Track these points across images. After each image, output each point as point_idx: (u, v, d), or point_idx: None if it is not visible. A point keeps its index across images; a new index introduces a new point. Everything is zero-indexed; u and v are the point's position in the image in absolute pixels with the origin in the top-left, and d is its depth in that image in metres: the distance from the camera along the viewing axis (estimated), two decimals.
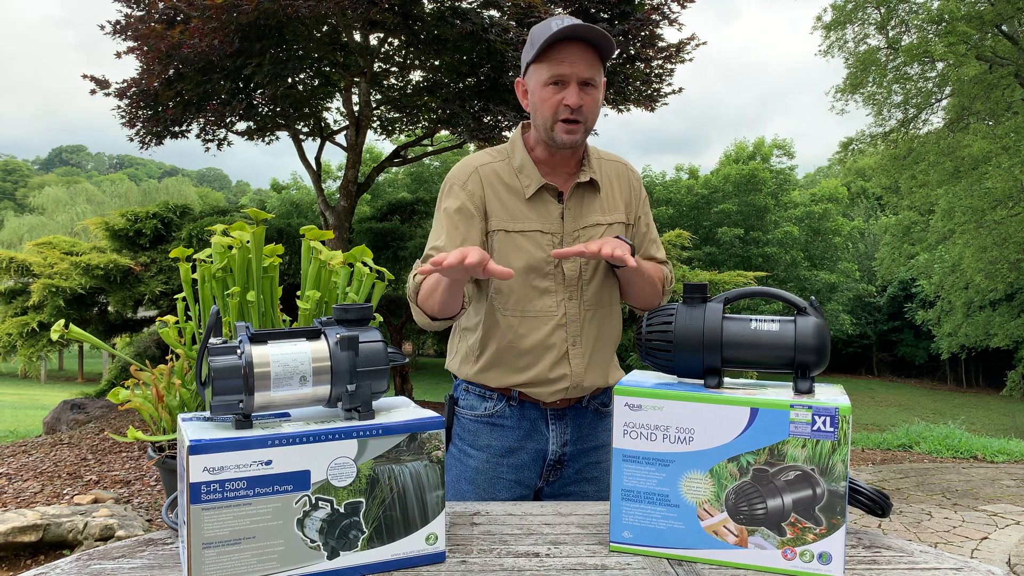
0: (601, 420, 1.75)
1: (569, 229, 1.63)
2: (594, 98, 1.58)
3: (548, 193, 1.64)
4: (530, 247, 1.61)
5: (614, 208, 1.69)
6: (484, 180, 1.64)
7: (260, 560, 0.97)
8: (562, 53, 1.53)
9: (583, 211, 1.65)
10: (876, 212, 37.71)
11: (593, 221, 1.65)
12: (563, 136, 1.57)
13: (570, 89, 1.53)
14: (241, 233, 1.50)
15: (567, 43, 1.53)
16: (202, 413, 1.10)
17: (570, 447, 1.70)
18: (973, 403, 25.75)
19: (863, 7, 17.05)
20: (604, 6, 7.13)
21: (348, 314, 1.11)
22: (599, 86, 1.58)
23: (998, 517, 5.35)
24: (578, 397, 1.69)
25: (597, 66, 1.56)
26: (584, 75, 1.53)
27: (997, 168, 15.74)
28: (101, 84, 7.48)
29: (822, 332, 1.15)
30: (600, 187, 1.67)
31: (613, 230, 1.66)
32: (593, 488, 1.73)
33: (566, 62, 1.53)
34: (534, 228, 1.61)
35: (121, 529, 3.97)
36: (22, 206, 48.45)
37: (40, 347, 7.26)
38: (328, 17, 6.57)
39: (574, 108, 1.54)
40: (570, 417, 1.69)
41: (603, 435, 1.75)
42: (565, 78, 1.53)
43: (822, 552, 1.06)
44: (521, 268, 1.61)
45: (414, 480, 1.06)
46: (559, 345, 1.62)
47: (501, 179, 1.64)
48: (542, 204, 1.63)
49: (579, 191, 1.65)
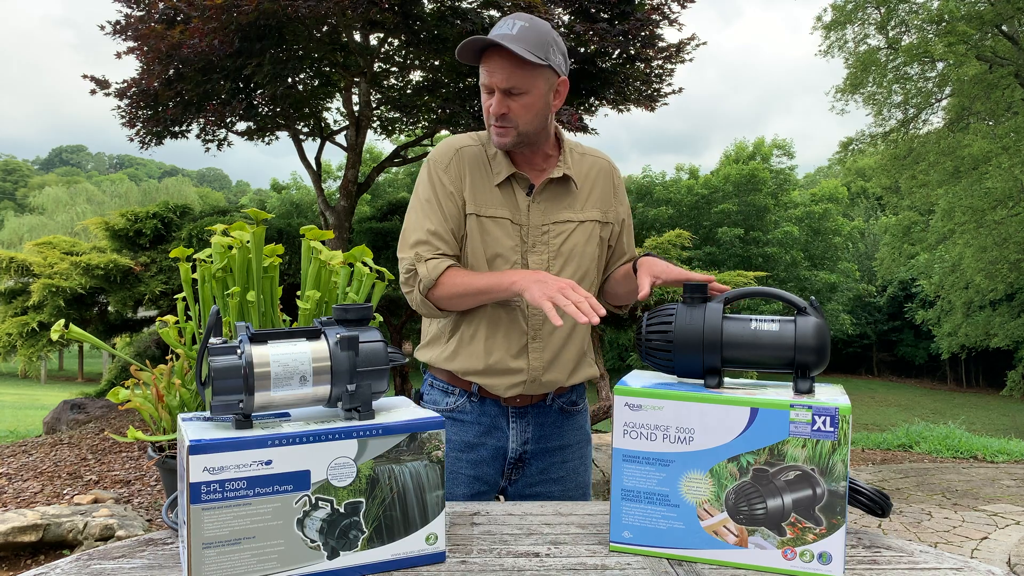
0: (567, 419, 1.72)
1: (537, 222, 1.63)
2: (521, 104, 1.57)
3: (518, 183, 1.65)
4: (498, 234, 1.62)
5: (589, 205, 1.69)
6: (464, 161, 1.66)
7: (260, 560, 0.97)
8: (487, 62, 1.56)
9: (554, 206, 1.65)
10: (876, 212, 37.71)
11: (564, 217, 1.65)
12: (495, 137, 1.61)
13: (494, 98, 1.57)
14: (241, 233, 1.50)
15: (490, 52, 1.55)
16: (202, 413, 1.10)
17: (532, 446, 1.69)
18: (973, 403, 25.74)
19: (863, 7, 17.04)
20: (604, 6, 7.13)
21: (348, 314, 1.11)
22: (529, 91, 1.56)
23: (998, 517, 5.35)
24: (541, 395, 1.68)
25: (520, 72, 1.54)
26: (503, 85, 1.55)
27: (997, 168, 15.74)
28: (101, 84, 7.48)
29: (822, 332, 1.15)
30: (576, 183, 1.67)
31: (585, 228, 1.66)
32: (559, 488, 1.71)
33: (488, 72, 1.56)
34: (503, 216, 1.62)
35: (121, 529, 3.97)
36: (22, 206, 48.46)
37: (40, 347, 7.26)
38: (328, 17, 6.57)
39: (496, 116, 1.57)
40: (532, 415, 1.68)
41: (568, 435, 1.73)
42: (489, 87, 1.57)
43: (822, 552, 1.06)
44: (490, 255, 1.62)
45: (414, 480, 1.06)
46: (518, 337, 1.62)
47: (478, 163, 1.66)
48: (512, 193, 1.64)
49: (551, 186, 1.65)
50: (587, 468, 1.78)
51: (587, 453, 1.78)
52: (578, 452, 1.75)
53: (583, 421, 1.78)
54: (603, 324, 7.83)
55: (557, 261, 1.63)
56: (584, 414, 1.78)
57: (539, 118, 1.61)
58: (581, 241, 1.66)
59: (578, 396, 1.75)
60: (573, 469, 1.74)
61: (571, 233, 1.65)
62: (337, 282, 1.60)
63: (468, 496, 1.69)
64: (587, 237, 1.67)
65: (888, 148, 18.25)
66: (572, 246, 1.65)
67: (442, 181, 1.64)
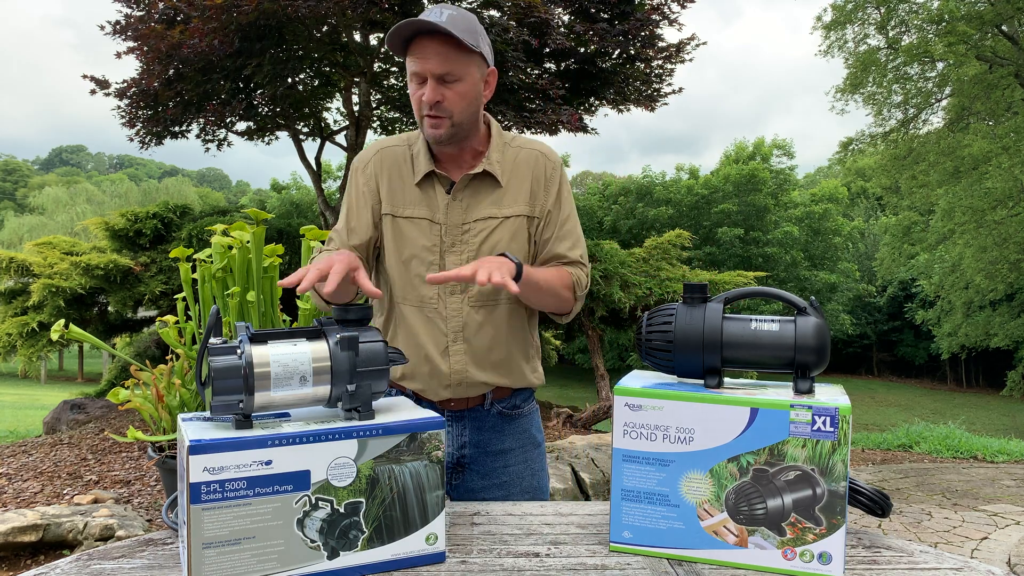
0: (508, 423, 1.67)
1: (457, 221, 1.58)
2: (457, 92, 1.52)
3: (438, 181, 1.59)
4: (414, 234, 1.58)
5: (515, 200, 1.60)
6: (382, 163, 1.63)
7: (260, 560, 0.97)
8: (417, 49, 1.50)
9: (476, 203, 1.59)
10: (876, 212, 37.71)
11: (486, 214, 1.58)
12: (428, 129, 1.54)
13: (427, 86, 1.51)
14: (241, 233, 1.50)
15: (422, 38, 1.49)
16: (202, 413, 1.10)
17: (469, 450, 1.65)
18: (973, 403, 25.74)
19: (863, 7, 17.04)
20: (604, 6, 7.13)
21: (348, 314, 1.12)
22: (463, 78, 1.52)
23: (998, 517, 5.35)
24: (476, 398, 1.63)
25: (455, 57, 1.49)
26: (438, 71, 1.49)
27: (997, 168, 15.74)
28: (101, 84, 7.48)
29: (822, 332, 1.15)
30: (501, 178, 1.59)
31: (509, 224, 1.59)
32: (502, 493, 1.66)
33: (419, 59, 1.50)
34: (421, 216, 1.58)
35: (121, 529, 3.97)
36: (22, 206, 48.44)
37: (40, 347, 7.26)
38: (328, 17, 6.57)
39: (431, 104, 1.51)
40: (469, 419, 1.64)
41: (509, 439, 1.67)
42: (421, 75, 1.51)
43: (822, 552, 1.06)
44: (405, 256, 1.59)
45: (414, 480, 1.06)
46: (438, 339, 1.58)
47: (398, 163, 1.63)
48: (431, 192, 1.59)
49: (473, 182, 1.59)
50: (535, 472, 1.71)
51: (533, 457, 1.71)
52: (521, 456, 1.69)
53: (527, 425, 1.71)
54: (603, 324, 7.83)
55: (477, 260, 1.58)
56: (529, 418, 1.72)
57: (472, 107, 1.56)
58: (505, 238, 1.58)
59: (522, 400, 1.69)
60: (517, 474, 1.68)
61: (493, 231, 1.58)
62: None
63: None
64: (512, 234, 1.59)
65: (888, 148, 18.25)
66: (494, 244, 1.58)
67: (358, 182, 1.64)
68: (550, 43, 6.98)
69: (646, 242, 8.24)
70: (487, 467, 1.66)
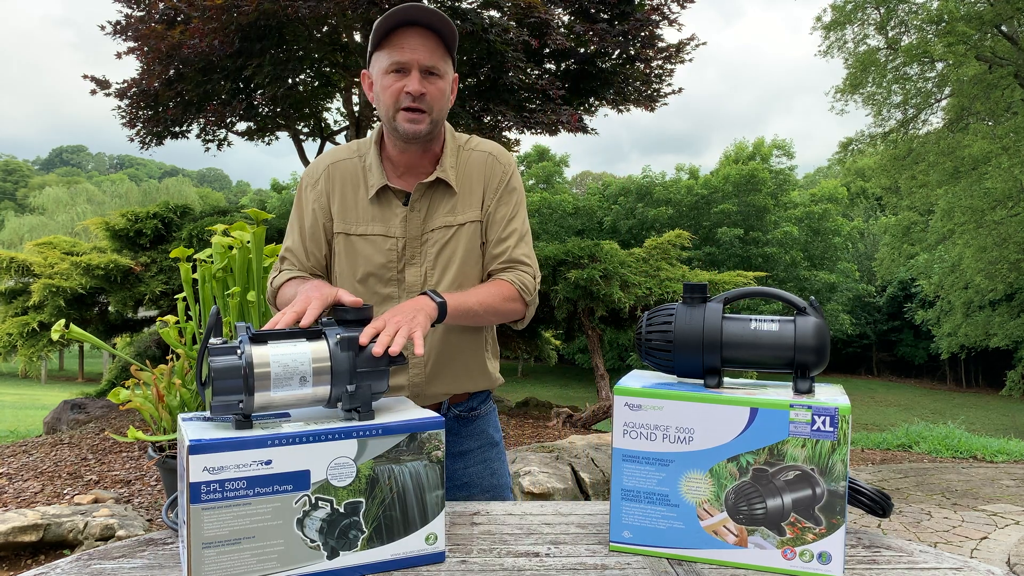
0: (465, 426, 1.66)
1: (414, 233, 1.53)
2: (439, 88, 1.49)
3: (393, 195, 1.54)
4: (370, 251, 1.53)
5: (469, 206, 1.56)
6: (333, 179, 1.57)
7: (260, 560, 0.97)
8: (402, 39, 1.45)
9: (432, 212, 1.54)
10: (876, 212, 37.71)
11: (441, 223, 1.54)
12: (405, 125, 1.47)
13: (411, 76, 1.45)
14: (241, 233, 1.50)
15: (408, 29, 1.46)
16: (202, 413, 1.10)
17: None
18: (973, 403, 25.74)
19: (863, 7, 17.04)
20: (604, 6, 7.14)
21: (348, 315, 1.12)
22: (444, 76, 1.50)
23: (998, 517, 5.35)
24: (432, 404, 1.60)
25: (441, 54, 1.48)
26: (425, 62, 1.46)
27: (997, 168, 15.74)
28: (101, 84, 7.49)
29: (822, 332, 1.15)
30: (455, 185, 1.55)
31: (465, 231, 1.55)
32: (464, 494, 1.66)
33: (406, 48, 1.45)
34: (376, 232, 1.53)
35: (121, 529, 3.97)
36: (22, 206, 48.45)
37: (40, 347, 7.26)
38: (328, 17, 6.57)
39: (415, 96, 1.45)
40: None
41: (467, 441, 1.66)
42: (406, 65, 1.46)
43: (822, 552, 1.06)
44: (361, 275, 1.53)
45: (414, 480, 1.06)
46: None
47: (349, 178, 1.56)
48: (386, 207, 1.53)
49: (429, 191, 1.54)
50: (495, 472, 1.70)
51: (492, 457, 1.70)
52: (480, 457, 1.68)
53: (484, 425, 1.70)
54: (603, 324, 7.83)
55: (435, 272, 1.54)
56: (487, 418, 1.71)
57: (446, 109, 1.53)
58: (461, 246, 1.54)
59: (478, 403, 1.68)
60: (477, 474, 1.67)
61: (449, 239, 1.54)
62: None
63: None
64: (467, 241, 1.55)
65: (888, 148, 18.25)
66: (451, 253, 1.54)
67: (308, 199, 1.57)
68: (550, 43, 6.98)
69: (646, 242, 8.24)
70: (449, 469, 1.64)
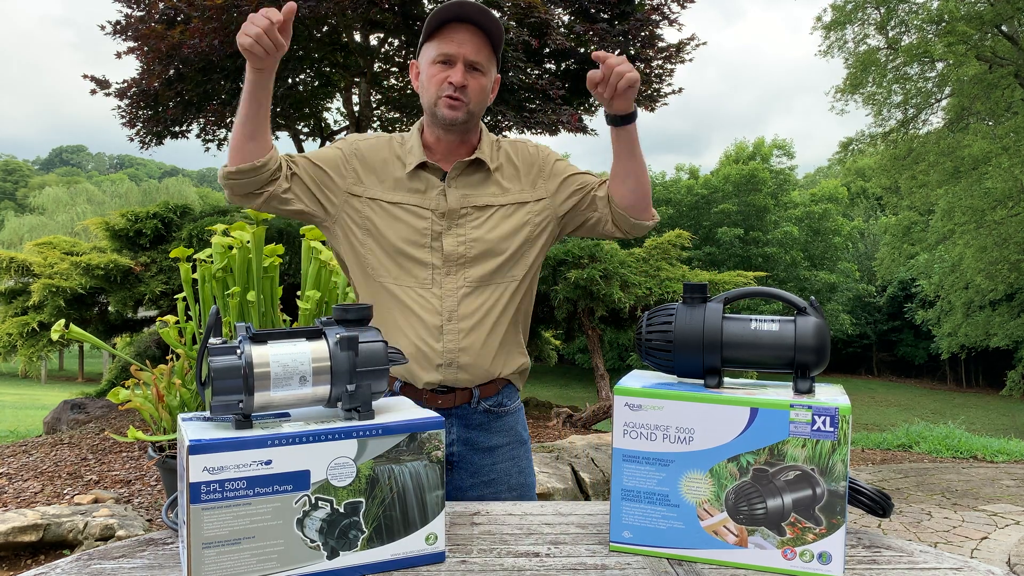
0: (495, 421, 1.68)
1: (455, 206, 1.61)
2: (480, 83, 1.59)
3: (430, 172, 1.63)
4: (407, 218, 1.60)
5: (507, 190, 1.65)
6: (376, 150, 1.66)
7: (260, 560, 0.97)
8: (451, 33, 1.56)
9: (472, 191, 1.63)
10: (876, 212, 37.71)
11: (484, 202, 1.63)
12: (445, 111, 1.57)
13: (456, 68, 1.56)
14: (241, 233, 1.50)
15: (457, 25, 1.56)
16: (202, 413, 1.10)
17: (457, 447, 1.66)
18: (973, 403, 25.74)
19: (863, 7, 17.05)
20: (604, 6, 7.13)
21: (348, 314, 1.11)
22: (487, 73, 1.60)
23: (998, 517, 5.35)
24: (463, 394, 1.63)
25: (486, 52, 1.58)
26: (471, 57, 1.56)
27: (997, 168, 15.74)
28: (101, 84, 7.49)
29: (822, 332, 1.15)
30: (492, 168, 1.65)
31: (507, 211, 1.63)
32: (491, 490, 1.67)
33: (454, 41, 1.56)
34: (412, 203, 1.61)
35: (121, 529, 3.97)
36: (22, 206, 48.46)
37: (40, 347, 7.25)
38: (328, 17, 6.57)
39: (457, 86, 1.55)
40: (456, 417, 1.65)
41: (496, 437, 1.68)
42: (452, 57, 1.56)
43: (822, 552, 1.06)
44: (400, 236, 1.60)
45: (414, 480, 1.06)
46: (432, 318, 1.59)
47: (391, 153, 1.66)
48: (423, 181, 1.62)
49: (467, 171, 1.63)
50: (522, 470, 1.73)
51: (520, 455, 1.73)
52: (509, 454, 1.70)
53: (513, 422, 1.72)
54: (603, 324, 7.83)
55: (476, 244, 1.60)
56: (515, 415, 1.73)
57: (484, 103, 1.63)
58: (502, 224, 1.63)
59: (506, 398, 1.70)
60: (505, 471, 1.69)
61: (490, 217, 1.62)
62: (337, 282, 1.60)
63: None
64: (509, 219, 1.64)
65: (888, 148, 18.25)
66: (492, 229, 1.62)
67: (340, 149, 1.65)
68: (550, 43, 6.98)
69: (646, 242, 8.24)
70: (475, 465, 1.67)
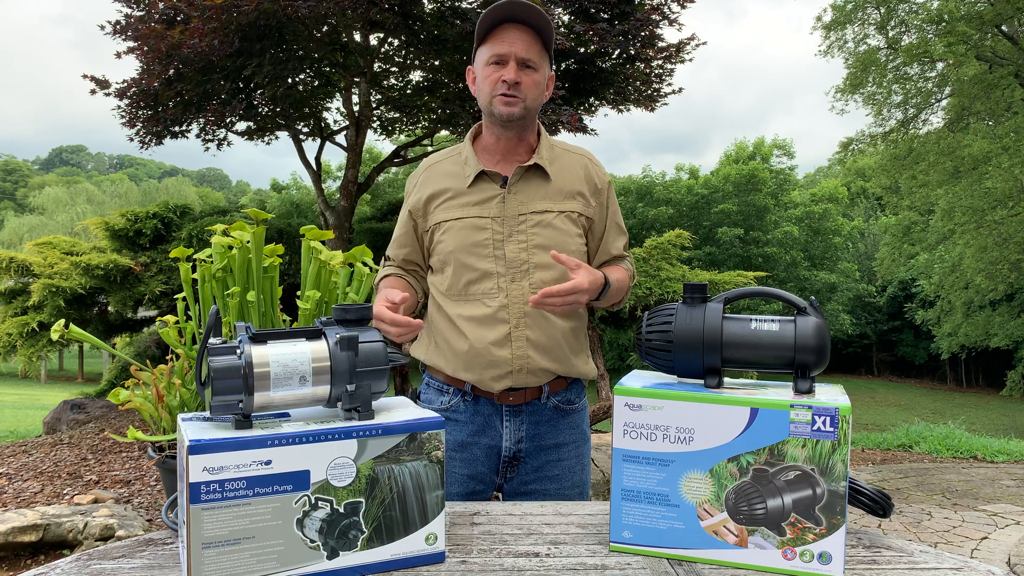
0: (563, 418, 1.71)
1: (512, 212, 1.65)
2: (533, 79, 1.64)
3: (490, 179, 1.67)
4: (469, 231, 1.65)
5: (567, 197, 1.69)
6: (432, 177, 1.73)
7: (260, 560, 0.97)
8: (502, 34, 1.62)
9: (529, 196, 1.66)
10: (876, 212, 37.70)
11: (541, 208, 1.66)
12: (501, 108, 1.62)
13: (509, 67, 1.61)
14: (241, 233, 1.50)
15: (508, 25, 1.62)
16: (202, 413, 1.10)
17: (526, 444, 1.68)
18: (973, 403, 25.74)
19: (863, 7, 17.04)
20: (604, 6, 7.13)
21: (348, 314, 1.11)
22: (540, 68, 1.65)
23: (998, 517, 5.34)
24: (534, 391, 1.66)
25: (537, 49, 1.63)
26: (522, 55, 1.61)
27: (997, 168, 15.72)
28: (101, 84, 7.48)
29: (822, 332, 1.15)
30: (551, 174, 1.68)
31: (563, 219, 1.66)
32: (555, 487, 1.71)
33: (505, 41, 1.61)
34: (473, 214, 1.65)
35: (121, 529, 3.97)
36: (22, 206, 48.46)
37: (40, 347, 7.25)
38: (328, 17, 6.57)
39: (511, 84, 1.60)
40: (527, 414, 1.68)
41: (564, 433, 1.72)
42: (504, 57, 1.62)
43: (822, 552, 1.06)
44: (464, 248, 1.64)
45: (414, 480, 1.06)
46: (499, 325, 1.62)
47: (447, 172, 1.72)
48: (483, 190, 1.67)
49: (526, 176, 1.67)
50: (584, 467, 1.77)
51: (584, 452, 1.77)
52: (574, 451, 1.74)
53: (580, 420, 1.76)
54: (603, 324, 7.82)
55: (538, 251, 1.63)
56: (581, 413, 1.77)
57: (539, 99, 1.67)
58: (559, 231, 1.66)
59: (575, 395, 1.73)
60: (569, 468, 1.72)
61: (551, 222, 1.65)
62: (337, 282, 1.60)
63: (463, 495, 1.69)
64: (565, 227, 1.66)
65: (888, 148, 18.24)
66: (551, 235, 1.65)
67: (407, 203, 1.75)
68: None
69: (646, 242, 8.23)
70: (540, 461, 1.70)
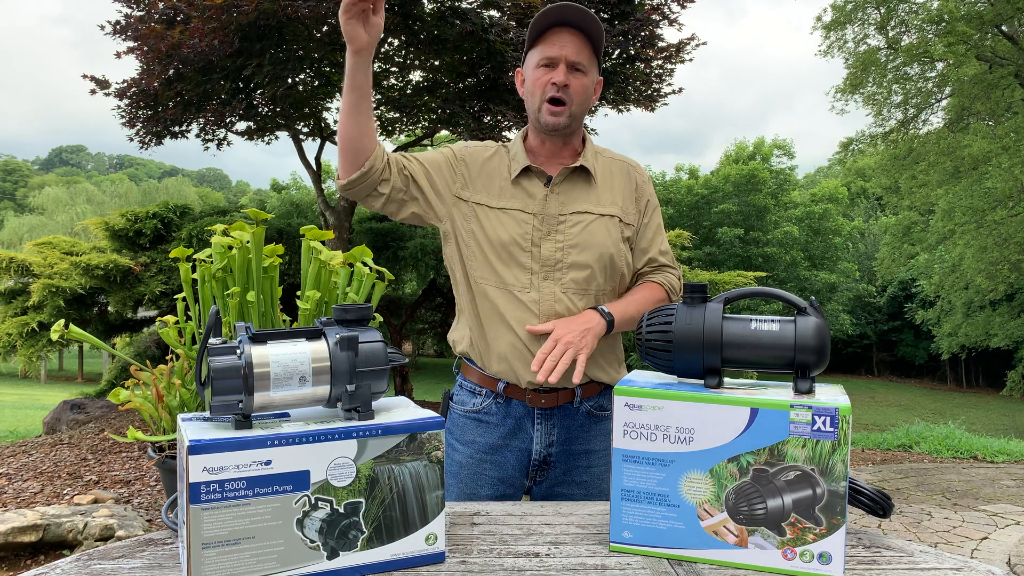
0: (596, 424, 1.69)
1: (554, 211, 1.65)
2: (582, 83, 1.63)
3: (535, 176, 1.67)
4: (511, 223, 1.64)
5: (610, 202, 1.69)
6: (483, 158, 1.72)
7: (260, 560, 0.97)
8: (553, 37, 1.62)
9: (572, 198, 1.66)
10: (876, 212, 37.71)
11: (582, 209, 1.66)
12: (547, 117, 1.63)
13: (558, 69, 1.61)
14: (241, 233, 1.50)
15: (559, 29, 1.62)
16: (202, 413, 1.10)
17: (556, 448, 1.67)
18: (973, 403, 25.74)
19: (863, 7, 17.04)
20: (604, 6, 7.13)
21: (348, 314, 1.11)
22: (588, 73, 1.64)
23: (998, 517, 5.34)
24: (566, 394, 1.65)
25: (587, 52, 1.63)
26: (572, 57, 1.61)
27: (997, 168, 15.73)
28: (101, 84, 7.48)
29: (822, 332, 1.15)
30: (595, 178, 1.69)
31: (604, 222, 1.66)
32: (582, 491, 1.70)
33: (556, 44, 1.61)
34: (515, 207, 1.65)
35: (121, 529, 3.97)
36: (22, 206, 48.47)
37: (40, 347, 7.26)
38: (328, 17, 6.57)
39: (560, 86, 1.60)
40: (558, 417, 1.66)
41: (596, 440, 1.69)
42: (554, 60, 1.62)
43: (822, 552, 1.06)
44: (501, 241, 1.64)
45: (414, 480, 1.06)
46: (531, 323, 1.62)
47: (495, 162, 1.72)
48: (528, 185, 1.67)
49: (571, 177, 1.68)
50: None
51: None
52: (604, 458, 1.71)
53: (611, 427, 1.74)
54: None
55: (573, 250, 1.63)
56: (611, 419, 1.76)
57: (586, 104, 1.67)
58: (599, 233, 1.65)
59: (607, 401, 1.71)
60: (597, 475, 1.70)
61: (589, 224, 1.65)
62: (337, 282, 1.60)
63: (493, 498, 1.68)
64: (606, 231, 1.66)
65: (888, 148, 18.24)
66: (588, 236, 1.64)
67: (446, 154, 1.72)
68: None
69: None
70: (570, 465, 1.69)
